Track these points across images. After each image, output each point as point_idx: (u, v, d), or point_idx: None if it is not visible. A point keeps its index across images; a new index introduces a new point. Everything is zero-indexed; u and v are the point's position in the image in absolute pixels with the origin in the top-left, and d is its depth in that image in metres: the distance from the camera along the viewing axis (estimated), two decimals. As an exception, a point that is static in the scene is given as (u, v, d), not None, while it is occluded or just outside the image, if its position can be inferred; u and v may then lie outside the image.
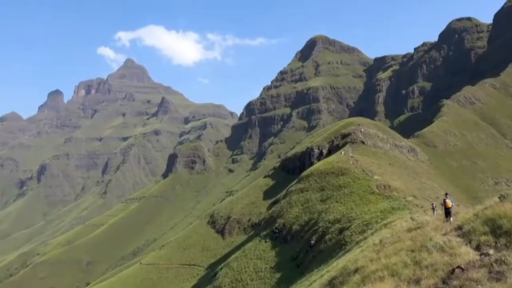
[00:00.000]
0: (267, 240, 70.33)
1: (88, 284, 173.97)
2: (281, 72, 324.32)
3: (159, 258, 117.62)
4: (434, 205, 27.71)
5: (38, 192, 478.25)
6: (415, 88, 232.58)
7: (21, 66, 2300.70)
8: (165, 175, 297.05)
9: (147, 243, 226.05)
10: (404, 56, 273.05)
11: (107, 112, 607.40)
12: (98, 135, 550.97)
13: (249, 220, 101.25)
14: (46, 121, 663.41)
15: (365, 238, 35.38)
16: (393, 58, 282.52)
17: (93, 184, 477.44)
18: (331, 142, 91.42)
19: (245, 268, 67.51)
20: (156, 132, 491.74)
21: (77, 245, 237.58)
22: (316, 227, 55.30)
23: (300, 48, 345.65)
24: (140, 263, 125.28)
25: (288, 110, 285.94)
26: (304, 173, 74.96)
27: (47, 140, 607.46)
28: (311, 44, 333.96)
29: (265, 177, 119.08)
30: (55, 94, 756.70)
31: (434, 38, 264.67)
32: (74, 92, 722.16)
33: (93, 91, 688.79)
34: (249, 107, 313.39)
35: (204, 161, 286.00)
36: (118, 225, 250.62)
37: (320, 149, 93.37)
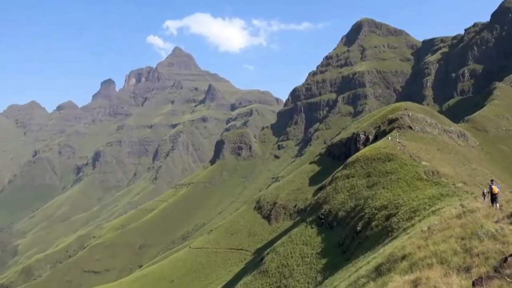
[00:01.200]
0: (313, 226, 69.97)
1: (141, 266, 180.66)
2: (327, 57, 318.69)
3: (208, 242, 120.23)
4: (484, 192, 26.69)
5: (94, 178, 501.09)
6: (466, 70, 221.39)
7: (75, 57, 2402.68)
8: (212, 161, 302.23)
9: (196, 227, 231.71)
10: (454, 37, 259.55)
11: (157, 100, 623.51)
12: (148, 122, 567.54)
13: (295, 206, 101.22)
14: (100, 109, 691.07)
15: (412, 225, 34.46)
16: (442, 40, 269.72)
17: (144, 170, 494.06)
18: (377, 128, 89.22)
19: (291, 253, 67.66)
20: (204, 119, 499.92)
21: (130, 229, 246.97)
22: (362, 214, 54.37)
23: (346, 32, 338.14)
24: (190, 247, 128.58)
25: (333, 95, 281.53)
26: (350, 159, 73.73)
27: (101, 128, 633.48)
28: (357, 28, 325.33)
29: (310, 163, 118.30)
30: (108, 83, 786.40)
31: (486, 18, 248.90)
32: (125, 80, 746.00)
33: (143, 80, 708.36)
34: (294, 93, 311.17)
35: (250, 147, 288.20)
36: (168, 210, 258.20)
37: (366, 134, 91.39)
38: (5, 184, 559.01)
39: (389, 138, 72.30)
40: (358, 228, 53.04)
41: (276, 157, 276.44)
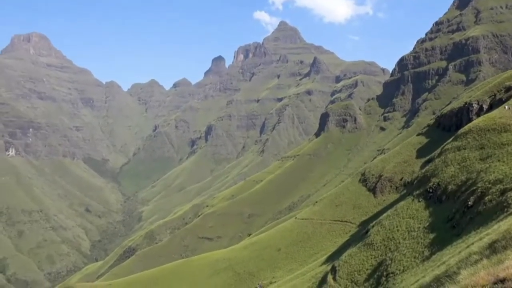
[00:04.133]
0: (420, 200, 67.54)
1: (250, 234, 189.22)
2: (437, 23, 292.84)
3: (313, 214, 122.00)
4: None
5: (206, 151, 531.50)
6: None
7: (189, 36, 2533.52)
8: (317, 134, 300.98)
9: (301, 199, 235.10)
10: None
11: (263, 74, 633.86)
12: (255, 97, 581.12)
13: (401, 179, 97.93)
14: (211, 86, 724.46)
15: (530, 200, 32.06)
16: None
17: (252, 143, 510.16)
18: (492, 96, 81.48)
19: (397, 227, 66.34)
20: (309, 92, 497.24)
21: (239, 199, 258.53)
22: (474, 188, 51.21)
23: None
24: (296, 218, 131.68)
25: (443, 63, 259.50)
26: (461, 130, 69.03)
27: (212, 103, 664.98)
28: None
29: (418, 134, 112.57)
30: (218, 60, 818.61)
31: None
32: (234, 57, 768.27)
33: (250, 55, 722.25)
34: (401, 63, 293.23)
35: (355, 120, 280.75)
36: (275, 182, 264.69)
37: (479, 104, 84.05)
38: (130, 157, 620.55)
39: (506, 107, 66.04)
40: (469, 202, 50.29)
41: (382, 129, 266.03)
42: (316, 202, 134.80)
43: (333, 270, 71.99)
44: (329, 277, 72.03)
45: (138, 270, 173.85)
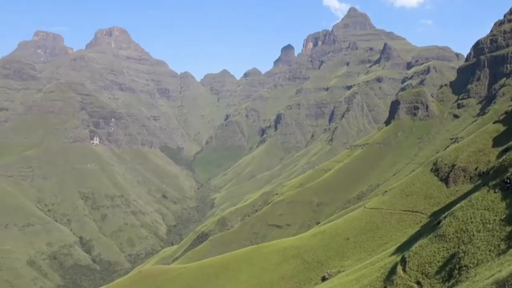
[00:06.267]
0: (496, 191, 64.67)
1: (318, 223, 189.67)
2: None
3: (382, 203, 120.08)
4: None
5: (276, 139, 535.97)
6: None
7: (258, 26, 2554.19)
8: (387, 122, 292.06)
9: (370, 188, 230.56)
10: None
11: (332, 62, 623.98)
12: (324, 85, 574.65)
13: (476, 169, 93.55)
14: (280, 74, 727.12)
15: None
16: None
17: (321, 131, 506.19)
18: None
19: (471, 218, 64.19)
20: (379, 79, 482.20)
21: (308, 188, 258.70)
22: (555, 178, 48.75)
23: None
24: (364, 207, 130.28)
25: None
26: (543, 117, 65.26)
27: (282, 92, 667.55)
28: None
29: (495, 122, 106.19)
30: (287, 48, 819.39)
31: None
32: (303, 45, 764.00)
33: (319, 43, 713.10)
34: (477, 46, 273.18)
35: (427, 107, 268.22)
36: (344, 171, 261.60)
37: None
38: (203, 145, 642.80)
39: None
40: (549, 194, 48.13)
41: (456, 116, 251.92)
42: (386, 191, 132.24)
43: (403, 261, 71.28)
44: (399, 268, 71.44)
45: (210, 254, 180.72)
